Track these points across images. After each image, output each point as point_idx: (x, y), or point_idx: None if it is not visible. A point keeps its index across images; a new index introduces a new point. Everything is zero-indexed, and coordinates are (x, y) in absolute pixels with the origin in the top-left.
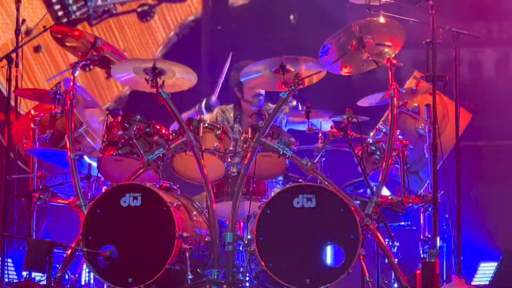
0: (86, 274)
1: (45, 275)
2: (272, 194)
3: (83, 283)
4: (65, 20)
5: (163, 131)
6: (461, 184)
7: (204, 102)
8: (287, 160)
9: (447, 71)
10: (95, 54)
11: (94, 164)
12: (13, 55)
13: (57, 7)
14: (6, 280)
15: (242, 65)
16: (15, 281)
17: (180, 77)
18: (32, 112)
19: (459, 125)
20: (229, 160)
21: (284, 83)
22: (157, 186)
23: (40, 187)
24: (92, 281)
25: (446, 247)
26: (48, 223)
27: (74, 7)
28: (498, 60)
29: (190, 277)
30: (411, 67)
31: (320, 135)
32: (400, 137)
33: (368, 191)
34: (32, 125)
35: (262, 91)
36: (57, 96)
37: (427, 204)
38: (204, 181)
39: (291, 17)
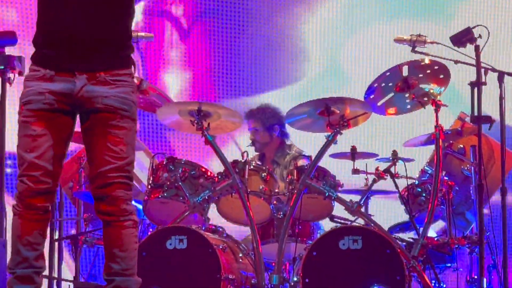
0: None
1: None
2: (318, 236)
3: None
4: None
5: (209, 173)
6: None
7: None
8: (332, 201)
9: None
10: (140, 96)
11: (140, 206)
12: None
13: None
14: None
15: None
16: None
17: (225, 120)
18: (79, 155)
19: (505, 166)
20: (275, 202)
21: (329, 125)
22: (203, 228)
23: (87, 229)
24: None
25: None
26: (94, 266)
27: None
28: None
29: None
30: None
31: (365, 176)
32: (445, 178)
33: (414, 232)
34: (78, 168)
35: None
36: None
37: (473, 245)
38: (250, 223)
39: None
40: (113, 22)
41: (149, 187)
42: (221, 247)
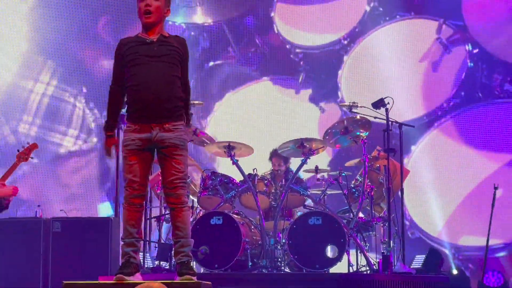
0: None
1: (173, 264)
2: (296, 216)
3: None
4: None
5: (235, 181)
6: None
7: None
8: (305, 197)
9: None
10: (195, 137)
11: (195, 199)
12: None
13: None
14: (146, 265)
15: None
16: (151, 266)
17: (245, 149)
18: (159, 173)
19: (403, 176)
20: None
21: (303, 153)
22: (231, 212)
23: (165, 213)
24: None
25: (396, 247)
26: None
27: None
28: None
29: (250, 264)
30: (375, 143)
31: (323, 183)
32: (369, 183)
33: (351, 214)
34: (159, 180)
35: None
36: None
37: (385, 222)
38: (258, 209)
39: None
40: (171, 95)
41: (201, 188)
42: (241, 223)
